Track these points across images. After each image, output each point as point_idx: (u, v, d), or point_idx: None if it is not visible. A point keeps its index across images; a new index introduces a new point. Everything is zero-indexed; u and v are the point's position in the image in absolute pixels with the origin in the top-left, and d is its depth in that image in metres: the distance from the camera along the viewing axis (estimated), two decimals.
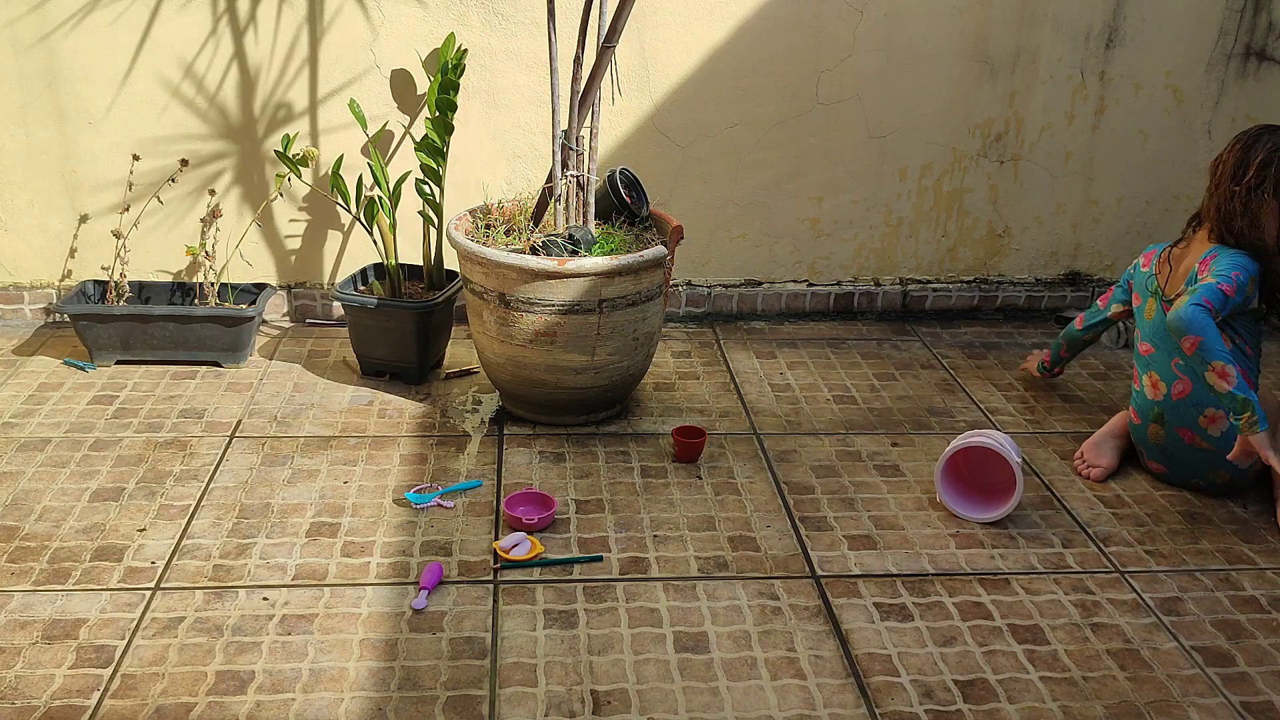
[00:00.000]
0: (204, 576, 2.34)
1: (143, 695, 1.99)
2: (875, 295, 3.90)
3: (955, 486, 2.71)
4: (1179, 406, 2.70)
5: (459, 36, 3.34)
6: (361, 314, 3.21)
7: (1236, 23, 3.68)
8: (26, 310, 3.63)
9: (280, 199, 3.55)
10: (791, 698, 2.04)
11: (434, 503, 2.63)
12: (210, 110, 3.44)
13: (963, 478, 2.75)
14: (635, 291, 2.84)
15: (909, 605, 2.32)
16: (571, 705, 2.01)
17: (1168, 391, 2.71)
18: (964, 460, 2.76)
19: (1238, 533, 2.63)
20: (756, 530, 2.58)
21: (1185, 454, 2.73)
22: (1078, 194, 3.85)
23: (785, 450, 2.95)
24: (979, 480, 2.75)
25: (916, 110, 3.67)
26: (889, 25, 3.55)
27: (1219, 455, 2.68)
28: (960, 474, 2.75)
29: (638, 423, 3.07)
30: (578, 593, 2.32)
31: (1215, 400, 2.62)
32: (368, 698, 2.01)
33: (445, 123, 3.21)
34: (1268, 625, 2.29)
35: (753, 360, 3.52)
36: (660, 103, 3.58)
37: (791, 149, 3.68)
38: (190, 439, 2.91)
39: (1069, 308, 3.97)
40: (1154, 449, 2.79)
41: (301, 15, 3.37)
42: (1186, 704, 2.06)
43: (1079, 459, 2.89)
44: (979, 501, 2.68)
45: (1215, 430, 2.67)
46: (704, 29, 3.50)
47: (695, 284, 3.83)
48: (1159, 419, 2.75)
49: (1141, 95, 3.74)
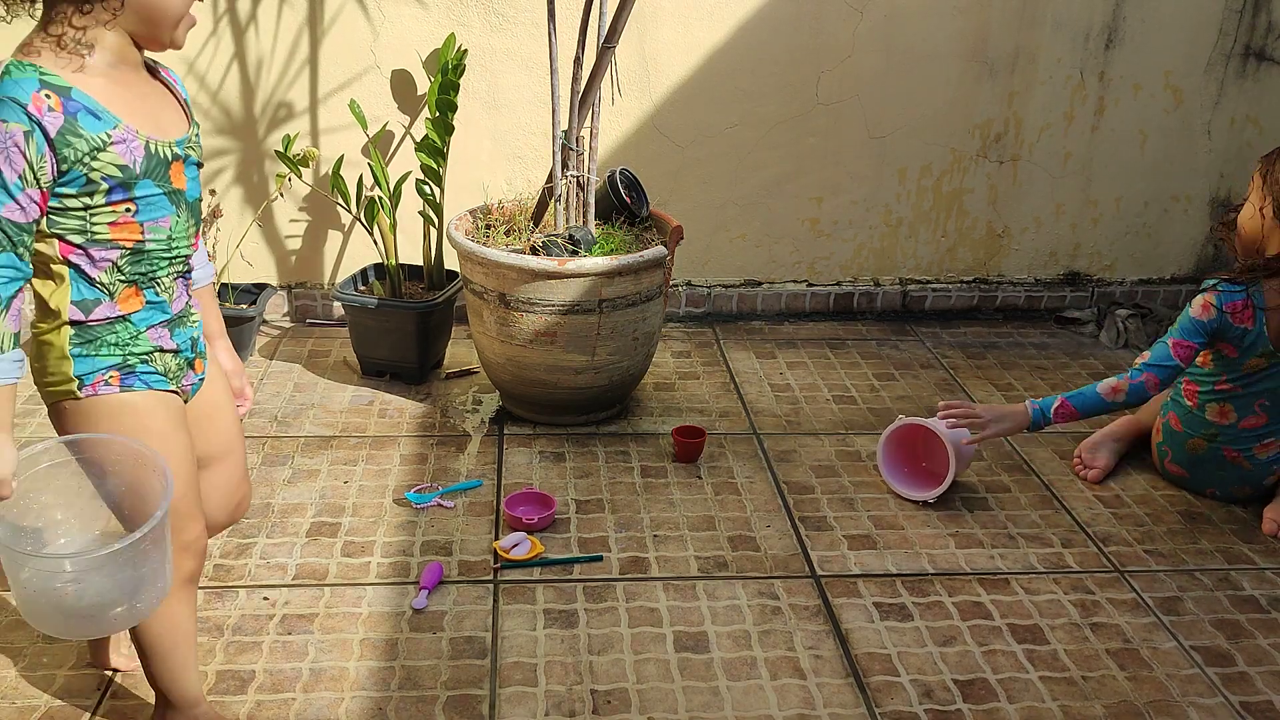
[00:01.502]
0: (204, 576, 2.34)
1: (143, 695, 1.99)
2: (875, 295, 3.91)
3: (905, 469, 2.78)
4: (1241, 434, 2.65)
5: (459, 37, 3.34)
6: (362, 314, 3.21)
7: (1236, 23, 3.68)
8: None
9: (281, 199, 3.56)
10: (791, 697, 2.04)
11: (434, 503, 2.63)
12: (211, 110, 3.45)
13: (916, 460, 2.81)
14: (635, 291, 2.84)
15: (909, 605, 2.32)
16: (571, 705, 2.01)
17: (1236, 422, 2.65)
18: (909, 441, 2.80)
19: (1237, 533, 2.63)
20: (756, 530, 2.58)
21: (1219, 466, 2.71)
22: (1077, 194, 3.86)
23: (785, 450, 2.95)
24: (928, 462, 2.81)
25: (916, 110, 3.67)
26: (889, 26, 3.56)
27: (1253, 474, 2.68)
28: (913, 455, 2.81)
29: (638, 423, 3.07)
30: (578, 592, 2.33)
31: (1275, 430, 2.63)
32: (368, 697, 2.01)
33: (445, 123, 3.21)
34: (1267, 625, 2.30)
35: (753, 360, 3.53)
36: (660, 103, 3.58)
37: (791, 149, 3.68)
38: None
39: (1068, 308, 3.97)
40: (1185, 456, 2.75)
41: (302, 16, 3.37)
42: (1186, 704, 2.06)
43: (1076, 459, 2.90)
44: (923, 483, 2.74)
45: (1264, 454, 2.66)
46: (704, 29, 3.50)
47: (695, 284, 3.83)
48: (1210, 437, 2.69)
49: (1141, 96, 3.74)
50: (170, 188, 1.60)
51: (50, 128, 1.45)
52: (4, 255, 1.47)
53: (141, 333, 1.63)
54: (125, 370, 1.62)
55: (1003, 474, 2.87)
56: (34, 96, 1.44)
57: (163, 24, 1.54)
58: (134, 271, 1.59)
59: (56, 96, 1.46)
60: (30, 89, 1.44)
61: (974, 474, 2.85)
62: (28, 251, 1.50)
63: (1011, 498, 2.75)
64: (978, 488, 2.79)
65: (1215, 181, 3.87)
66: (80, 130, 1.47)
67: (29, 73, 1.46)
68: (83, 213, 1.52)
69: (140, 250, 1.58)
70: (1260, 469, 2.67)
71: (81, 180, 1.50)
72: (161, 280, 1.63)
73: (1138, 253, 3.94)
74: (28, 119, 1.43)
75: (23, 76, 1.45)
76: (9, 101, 1.43)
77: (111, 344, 1.61)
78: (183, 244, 1.65)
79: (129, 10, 1.52)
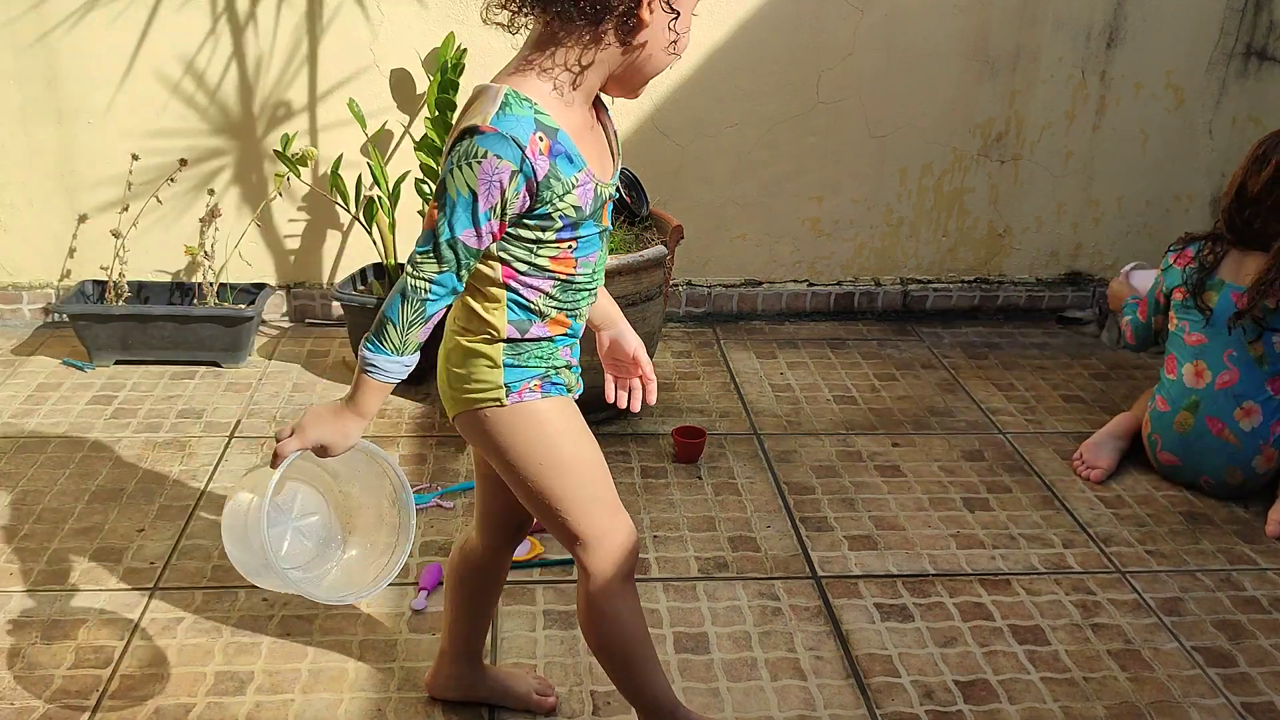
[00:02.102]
0: (203, 577, 2.33)
1: (142, 695, 1.99)
2: (876, 295, 3.90)
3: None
4: (1219, 396, 2.69)
5: (459, 36, 3.34)
6: (361, 314, 3.21)
7: (1237, 22, 3.68)
8: (25, 310, 3.62)
9: (279, 198, 3.55)
10: (792, 698, 2.04)
11: (434, 503, 2.63)
12: (209, 109, 3.44)
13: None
14: (635, 291, 2.84)
15: (909, 606, 2.32)
16: (571, 706, 2.00)
17: (1211, 381, 2.71)
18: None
19: (1239, 533, 2.63)
20: (757, 530, 2.57)
21: (1207, 446, 2.72)
22: (1078, 194, 3.85)
23: (785, 450, 2.94)
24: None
25: (917, 110, 3.67)
26: (890, 24, 3.55)
27: (1241, 452, 2.68)
28: None
29: (638, 423, 3.07)
30: None
31: (1255, 392, 2.67)
32: (367, 698, 2.00)
33: (445, 122, 3.20)
34: (1269, 625, 2.29)
35: (753, 360, 3.52)
36: (660, 102, 3.57)
37: (792, 148, 3.67)
38: (189, 439, 2.90)
39: (1069, 307, 3.97)
40: (1174, 439, 2.78)
41: (300, 14, 3.36)
42: (1187, 704, 2.06)
43: (1078, 460, 2.89)
44: None
45: (1247, 424, 2.67)
46: (704, 28, 3.50)
47: (695, 284, 3.82)
48: (1192, 407, 2.73)
49: (1142, 95, 3.73)
50: (602, 226, 1.58)
51: (538, 172, 1.42)
52: (447, 275, 1.45)
53: (557, 350, 1.62)
54: (545, 380, 1.62)
55: (1004, 474, 2.86)
56: (531, 139, 1.40)
57: (647, 76, 1.50)
58: (562, 300, 1.58)
59: (546, 140, 1.42)
60: (529, 130, 1.40)
61: (975, 474, 2.85)
62: (468, 274, 1.49)
63: (1013, 498, 2.75)
64: (979, 488, 2.79)
65: (1217, 181, 3.86)
66: (559, 174, 1.44)
67: (527, 110, 1.42)
68: (532, 245, 1.50)
69: (570, 282, 1.57)
70: (1247, 445, 2.67)
71: (543, 217, 1.47)
72: (582, 310, 1.63)
73: (1139, 252, 3.93)
74: (519, 160, 1.40)
75: (522, 115, 1.41)
76: (509, 140, 1.39)
77: (538, 357, 1.60)
78: (599, 275, 1.64)
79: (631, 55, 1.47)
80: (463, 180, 1.40)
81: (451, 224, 1.42)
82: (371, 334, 1.50)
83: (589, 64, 1.46)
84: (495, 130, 1.39)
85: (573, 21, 1.43)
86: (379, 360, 1.50)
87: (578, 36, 1.44)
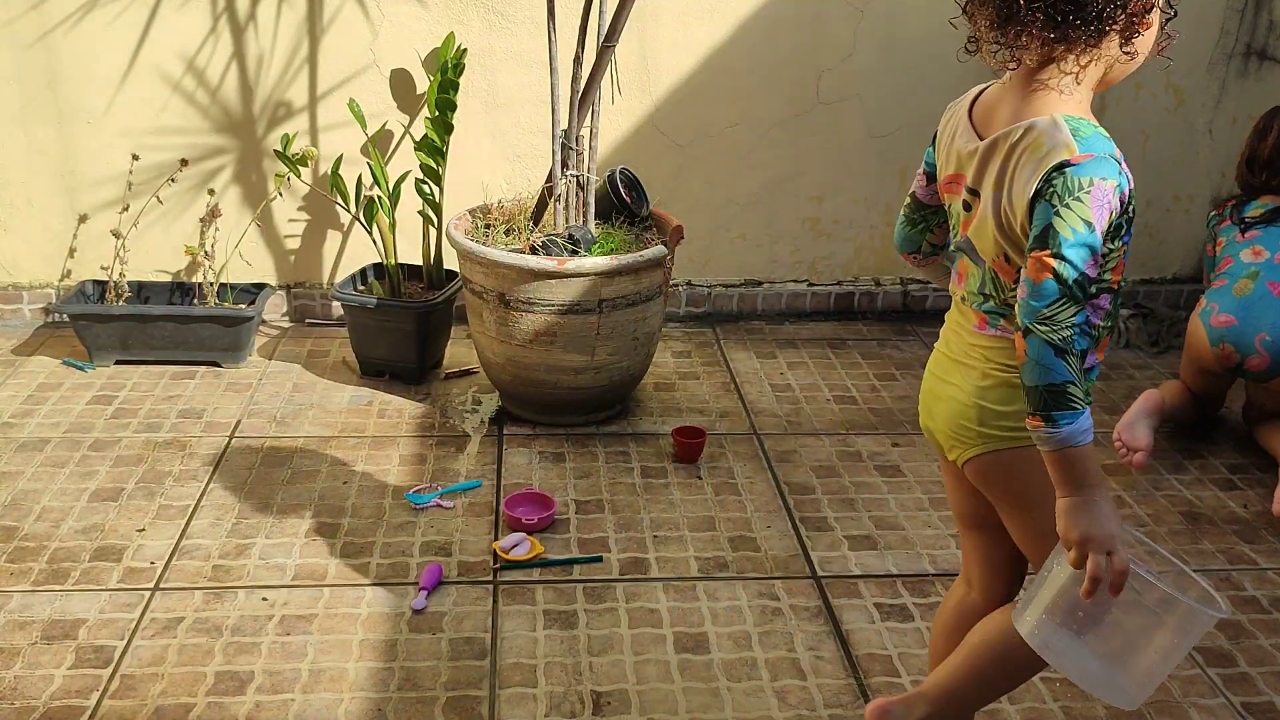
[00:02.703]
0: (203, 577, 2.33)
1: (142, 696, 1.99)
2: (876, 295, 3.90)
3: None
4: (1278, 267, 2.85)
5: (459, 36, 3.34)
6: (361, 314, 3.21)
7: (1238, 22, 3.67)
8: (25, 310, 3.62)
9: (280, 198, 3.55)
10: (792, 698, 2.04)
11: (434, 503, 2.63)
12: (210, 109, 3.44)
13: None
14: (635, 291, 2.84)
15: (909, 605, 2.32)
16: (571, 705, 2.00)
17: (1270, 256, 2.87)
18: None
19: (1238, 533, 2.63)
20: (757, 530, 2.57)
21: (1267, 305, 2.82)
22: None
23: (786, 450, 2.94)
24: None
25: (917, 109, 3.67)
26: (890, 24, 3.55)
27: None
28: None
29: (638, 423, 3.07)
30: (577, 593, 2.32)
31: None
32: (367, 698, 2.01)
33: (445, 122, 3.20)
34: (1268, 625, 2.29)
35: (753, 360, 3.52)
36: (660, 102, 3.57)
37: (792, 148, 3.67)
38: (189, 439, 2.90)
39: None
40: (1232, 301, 2.87)
41: (301, 14, 3.36)
42: (1187, 704, 2.06)
43: (1116, 443, 2.83)
44: None
45: None
46: (704, 29, 3.50)
47: (695, 284, 3.82)
48: (1252, 275, 2.87)
49: (1142, 95, 3.73)
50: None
51: (1128, 184, 1.41)
52: (1082, 312, 1.40)
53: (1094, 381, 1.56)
54: None
55: None
56: (1116, 150, 1.40)
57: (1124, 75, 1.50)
58: (1111, 314, 1.53)
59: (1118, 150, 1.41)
60: (1108, 144, 1.40)
61: None
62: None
63: None
64: None
65: (1217, 181, 3.86)
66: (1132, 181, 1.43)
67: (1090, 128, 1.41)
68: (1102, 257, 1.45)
69: (1117, 292, 1.52)
70: None
71: (1120, 225, 1.44)
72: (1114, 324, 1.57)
73: (1139, 252, 3.92)
74: (1117, 173, 1.39)
75: (1095, 133, 1.40)
76: (1106, 159, 1.39)
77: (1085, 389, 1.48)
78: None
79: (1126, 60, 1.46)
80: (1076, 217, 1.39)
81: (1075, 261, 1.39)
82: (1053, 412, 1.39)
83: (1088, 75, 1.46)
84: (1090, 156, 1.39)
85: (1078, 39, 1.42)
86: (1079, 422, 1.40)
87: (1078, 51, 1.43)
